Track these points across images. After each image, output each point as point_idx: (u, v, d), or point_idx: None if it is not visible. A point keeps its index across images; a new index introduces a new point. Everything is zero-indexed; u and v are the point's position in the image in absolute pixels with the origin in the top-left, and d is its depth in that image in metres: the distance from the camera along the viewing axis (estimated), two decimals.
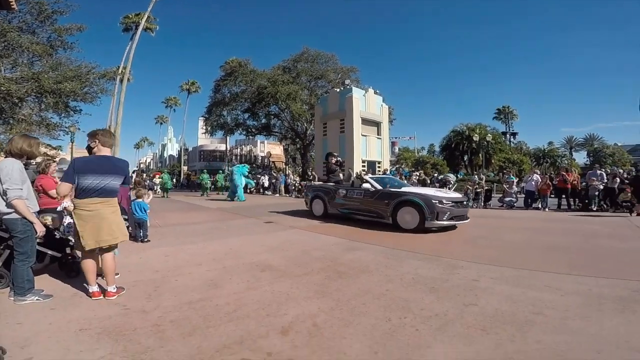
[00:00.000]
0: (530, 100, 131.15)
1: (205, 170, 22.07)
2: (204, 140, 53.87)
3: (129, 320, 2.67)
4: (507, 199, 12.83)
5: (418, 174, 16.97)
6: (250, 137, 37.20)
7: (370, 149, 21.60)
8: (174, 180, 32.89)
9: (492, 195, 14.41)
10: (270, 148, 50.84)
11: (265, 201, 15.46)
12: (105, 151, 3.19)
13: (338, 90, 22.53)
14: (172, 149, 67.32)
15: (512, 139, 39.80)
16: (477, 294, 3.24)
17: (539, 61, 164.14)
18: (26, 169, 4.60)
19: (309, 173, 21.62)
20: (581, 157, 47.73)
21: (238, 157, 51.49)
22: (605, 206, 11.13)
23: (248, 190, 23.17)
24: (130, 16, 29.92)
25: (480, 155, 31.07)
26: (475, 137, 30.26)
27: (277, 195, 19.89)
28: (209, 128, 33.99)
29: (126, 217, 5.95)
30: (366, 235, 6.54)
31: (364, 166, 20.60)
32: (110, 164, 3.14)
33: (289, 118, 31.19)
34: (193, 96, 49.57)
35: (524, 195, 13.15)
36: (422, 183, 14.88)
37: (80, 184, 2.99)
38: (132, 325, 2.56)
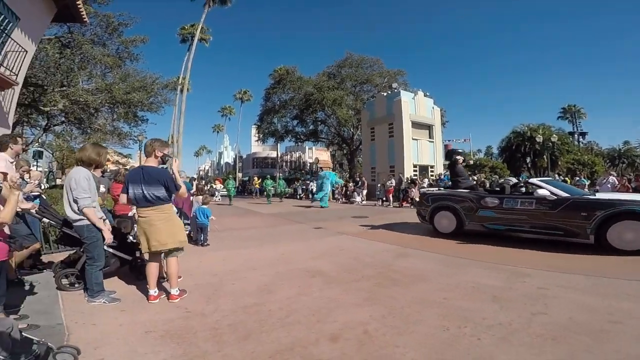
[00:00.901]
0: (598, 98, 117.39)
1: (268, 176, 21.82)
2: (257, 148, 56.07)
3: (189, 323, 2.81)
4: None
5: (477, 177, 16.02)
6: (299, 143, 37.80)
7: (422, 153, 20.96)
8: None
9: None
10: (318, 154, 51.35)
11: (314, 207, 15.62)
12: (149, 161, 3.40)
13: (385, 94, 22.26)
14: (228, 157, 70.49)
15: (581, 139, 36.25)
16: (546, 303, 2.98)
17: (604, 57, 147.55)
18: (102, 176, 5.15)
19: (357, 179, 21.43)
20: None
21: (288, 164, 52.77)
22: None
23: (298, 197, 23.44)
24: (186, 27, 31.82)
25: (544, 157, 28.62)
26: (539, 138, 27.85)
27: None
28: (261, 135, 35.14)
29: (187, 221, 6.43)
30: (418, 242, 6.33)
31: (415, 171, 20.00)
32: (143, 174, 3.28)
33: (335, 124, 31.36)
34: (246, 104, 52.42)
35: None
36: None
37: (128, 193, 3.28)
38: (192, 329, 2.69)
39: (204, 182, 36.76)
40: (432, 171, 20.94)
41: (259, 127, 34.94)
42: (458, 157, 7.66)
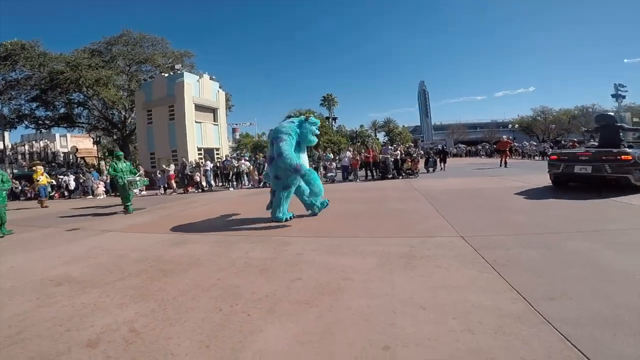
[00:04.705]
0: (348, 89, 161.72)
1: (119, 153, 10.53)
2: None
3: None
4: (329, 174, 15.01)
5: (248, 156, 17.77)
6: (43, 130, 30.35)
7: (206, 136, 21.08)
8: None
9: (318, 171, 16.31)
10: (77, 141, 41.94)
11: (71, 205, 12.46)
12: None
13: (166, 75, 20.92)
14: None
15: (333, 123, 45.94)
16: (301, 268, 3.48)
17: (354, 54, 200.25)
18: None
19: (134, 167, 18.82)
20: (382, 136, 59.20)
21: (27, 156, 40.24)
22: (395, 174, 14.19)
23: (55, 195, 16.92)
24: None
25: None
26: None
27: (90, 197, 16.34)
28: None
29: None
30: (197, 226, 6.23)
31: (200, 153, 19.72)
32: None
33: (99, 106, 27.45)
34: None
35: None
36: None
37: None
38: None
39: None
40: (217, 153, 21.28)
41: None
42: None
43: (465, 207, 6.39)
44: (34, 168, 15.66)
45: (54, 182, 16.74)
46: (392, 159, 14.28)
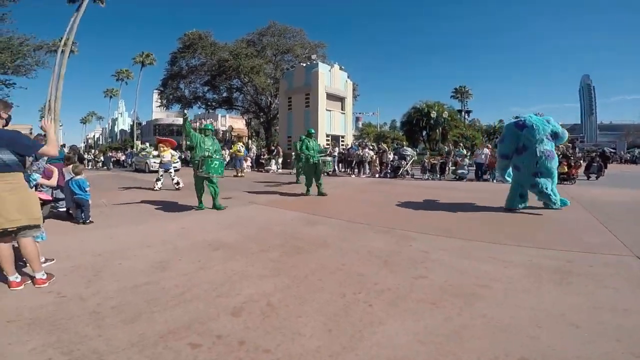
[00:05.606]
0: (485, 82, 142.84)
1: (312, 130, 9.71)
2: (160, 114, 51.88)
3: (64, 308, 2.46)
4: (460, 171, 13.50)
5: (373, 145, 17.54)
6: (210, 110, 36.67)
7: (334, 124, 22.05)
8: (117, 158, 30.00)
9: (446, 167, 14.92)
10: (232, 122, 49.72)
11: (225, 176, 14.85)
12: None
13: (304, 65, 22.64)
14: (124, 124, 66.04)
15: (466, 116, 41.81)
16: (427, 266, 3.30)
17: (496, 49, 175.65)
18: None
19: (273, 147, 21.33)
20: None
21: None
22: None
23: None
24: None
25: (437, 131, 32.68)
26: (433, 114, 31.65)
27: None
28: (164, 101, 33.24)
29: (60, 196, 5.61)
30: (327, 209, 6.54)
31: (328, 140, 20.80)
32: None
33: (252, 92, 31.14)
34: (148, 69, 46.85)
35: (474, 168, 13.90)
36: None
37: None
38: (68, 314, 2.36)
39: (94, 151, 32.95)
40: (343, 141, 22.08)
41: (162, 92, 33.00)
42: None
43: None
44: (235, 142, 19.41)
45: (248, 153, 20.27)
46: None
